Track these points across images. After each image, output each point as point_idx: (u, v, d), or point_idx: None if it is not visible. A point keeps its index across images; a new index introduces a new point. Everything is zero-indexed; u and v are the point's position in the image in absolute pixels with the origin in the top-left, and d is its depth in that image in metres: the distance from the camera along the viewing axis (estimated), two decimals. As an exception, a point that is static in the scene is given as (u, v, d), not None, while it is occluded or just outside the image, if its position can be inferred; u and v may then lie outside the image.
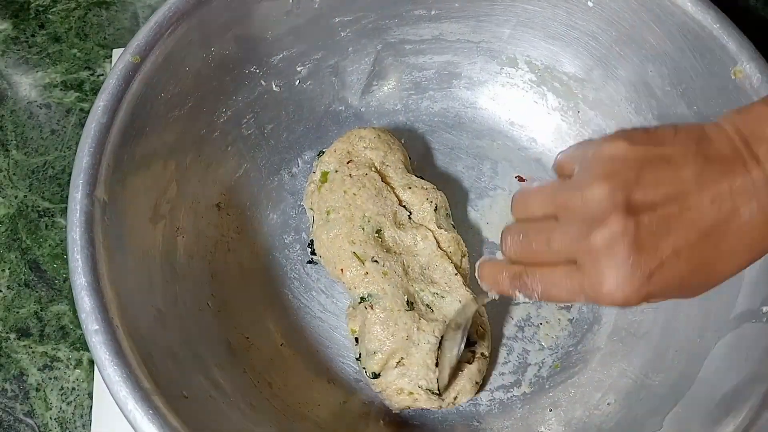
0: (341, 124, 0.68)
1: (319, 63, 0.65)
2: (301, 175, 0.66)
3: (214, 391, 0.51)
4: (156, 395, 0.43)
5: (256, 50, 0.61)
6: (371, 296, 0.55)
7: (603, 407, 0.56)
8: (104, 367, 0.43)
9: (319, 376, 0.59)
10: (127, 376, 0.43)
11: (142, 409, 0.42)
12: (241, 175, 0.64)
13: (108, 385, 0.43)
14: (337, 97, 0.68)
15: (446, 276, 0.58)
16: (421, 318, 0.55)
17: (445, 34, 0.66)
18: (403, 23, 0.65)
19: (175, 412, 0.44)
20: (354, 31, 0.65)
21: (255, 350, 0.58)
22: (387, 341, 0.54)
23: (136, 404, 0.42)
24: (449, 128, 0.69)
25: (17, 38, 0.73)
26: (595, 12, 0.60)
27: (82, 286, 0.45)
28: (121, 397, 0.43)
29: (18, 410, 0.59)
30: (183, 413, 0.44)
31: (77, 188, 0.48)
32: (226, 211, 0.62)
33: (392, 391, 0.55)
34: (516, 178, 0.67)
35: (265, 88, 0.63)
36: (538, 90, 0.67)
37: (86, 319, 0.44)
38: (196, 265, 0.58)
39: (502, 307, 0.62)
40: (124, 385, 0.43)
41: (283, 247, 0.64)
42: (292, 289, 0.62)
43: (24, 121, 0.69)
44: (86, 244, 0.46)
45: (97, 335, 0.44)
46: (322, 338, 0.61)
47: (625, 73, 0.61)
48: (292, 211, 0.65)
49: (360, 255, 0.57)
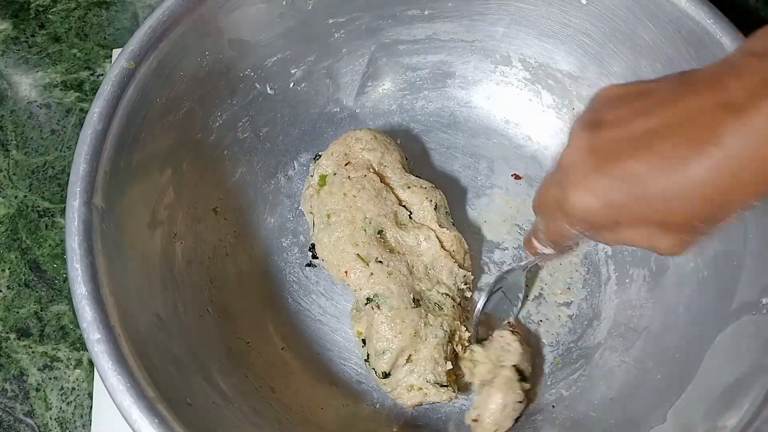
0: (336, 125, 0.68)
1: (313, 65, 0.65)
2: (298, 178, 0.66)
3: (217, 397, 0.51)
4: (160, 403, 0.43)
5: (250, 53, 0.61)
6: (377, 296, 0.55)
7: (605, 402, 0.56)
8: (107, 377, 0.43)
9: (320, 379, 0.59)
10: (130, 384, 0.43)
11: (148, 418, 0.42)
12: (238, 179, 0.63)
13: (111, 394, 0.43)
14: (332, 98, 0.67)
15: (452, 276, 0.58)
16: (428, 313, 0.55)
17: (439, 34, 0.66)
18: (396, 24, 0.65)
19: (180, 420, 0.43)
20: (348, 33, 0.64)
21: (256, 355, 0.58)
22: (395, 339, 0.54)
23: (141, 413, 0.42)
24: (444, 128, 0.69)
25: (17, 38, 0.73)
26: (589, 9, 0.60)
27: (82, 295, 0.45)
28: (125, 407, 0.42)
29: (18, 410, 0.59)
30: (188, 421, 0.44)
31: (75, 196, 0.47)
32: (224, 216, 0.62)
33: (403, 389, 0.55)
34: (512, 176, 0.67)
35: (260, 91, 0.63)
36: (532, 88, 0.67)
37: (88, 328, 0.44)
38: (194, 271, 0.57)
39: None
40: (128, 394, 0.42)
41: (281, 250, 0.63)
42: (292, 292, 0.62)
43: (24, 121, 0.69)
44: (85, 252, 0.46)
45: (100, 344, 0.43)
46: (322, 341, 0.61)
47: (620, 69, 0.61)
48: (290, 214, 0.65)
49: (364, 256, 0.57)
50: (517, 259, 0.64)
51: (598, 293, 0.62)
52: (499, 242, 0.64)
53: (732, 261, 0.52)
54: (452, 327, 0.56)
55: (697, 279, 0.55)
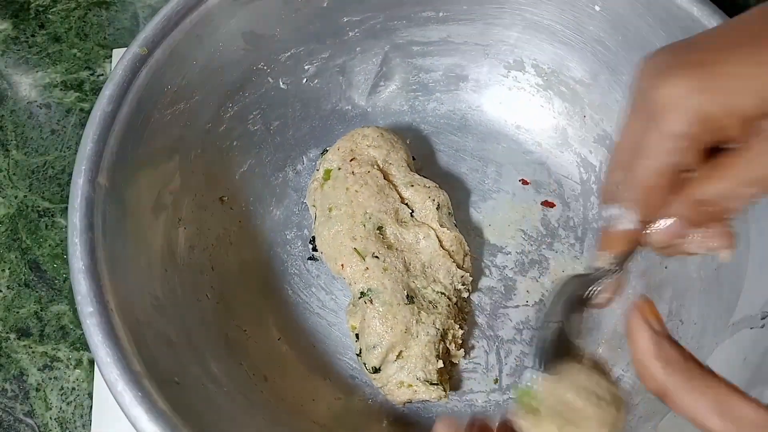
0: (347, 123, 0.68)
1: (326, 62, 0.66)
2: (306, 173, 0.67)
3: (208, 381, 0.51)
4: (146, 378, 0.44)
5: (264, 47, 0.62)
6: (371, 291, 0.56)
7: (599, 412, 0.55)
8: (97, 349, 0.44)
9: (315, 372, 0.59)
10: (118, 358, 0.43)
11: (132, 391, 0.43)
12: (246, 170, 0.64)
13: (99, 366, 0.44)
14: (344, 96, 0.68)
15: (449, 275, 0.58)
16: (421, 311, 0.55)
17: (453, 37, 0.67)
18: (411, 25, 0.65)
19: (165, 397, 0.44)
20: (362, 32, 0.65)
21: (252, 343, 0.59)
22: (386, 335, 0.54)
23: (126, 386, 0.43)
24: (455, 130, 0.69)
25: (17, 38, 0.74)
26: (602, 16, 0.59)
27: (79, 269, 0.46)
28: (111, 379, 0.43)
29: (18, 410, 0.60)
30: (173, 398, 0.44)
31: (80, 174, 0.49)
32: (230, 205, 0.63)
33: (393, 386, 0.55)
34: (520, 182, 0.67)
35: (273, 85, 0.64)
36: (544, 94, 0.67)
37: (81, 301, 0.45)
38: (196, 257, 0.58)
39: (499, 311, 0.62)
40: (115, 367, 0.43)
41: (284, 243, 0.64)
42: (292, 284, 0.63)
43: (24, 121, 0.70)
44: (85, 228, 0.47)
45: (92, 317, 0.44)
46: (319, 335, 0.61)
47: (630, 78, 0.60)
48: (296, 208, 0.65)
49: (360, 251, 0.57)
50: (519, 264, 0.64)
51: (600, 303, 0.62)
52: (502, 246, 0.64)
53: (734, 275, 0.51)
54: (445, 326, 0.56)
55: (698, 291, 0.54)
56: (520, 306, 0.62)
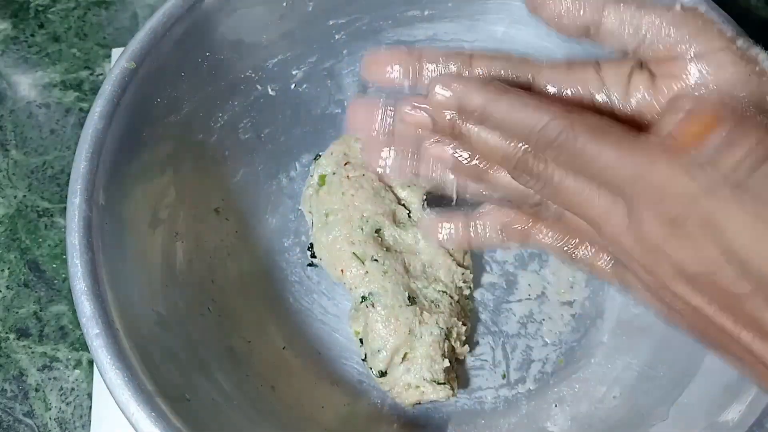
0: (339, 126, 0.68)
1: (314, 66, 0.65)
2: (300, 179, 0.66)
3: (217, 394, 0.51)
4: (158, 397, 0.43)
5: (251, 55, 0.61)
6: (372, 295, 0.55)
7: (608, 401, 0.56)
8: (106, 371, 0.43)
9: (322, 379, 0.59)
10: (129, 379, 0.43)
11: (145, 411, 0.42)
12: (239, 179, 0.64)
13: (110, 388, 0.43)
14: (333, 99, 0.68)
15: (450, 273, 0.58)
16: (423, 311, 0.55)
17: (440, 35, 0.66)
18: (397, 24, 0.65)
19: (178, 415, 0.43)
20: (348, 34, 0.65)
21: (257, 354, 0.58)
22: (390, 338, 0.54)
23: (139, 407, 0.42)
24: (446, 128, 0.69)
25: (17, 38, 0.73)
26: (588, 7, 0.60)
27: (82, 290, 0.45)
28: (123, 401, 0.42)
29: (17, 410, 0.59)
30: (186, 416, 0.44)
31: (75, 194, 0.48)
32: (225, 216, 0.62)
33: (401, 388, 0.55)
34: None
35: (261, 93, 0.64)
36: (533, 87, 0.67)
37: (87, 323, 0.44)
38: (195, 270, 0.58)
39: (502, 306, 0.62)
40: (126, 389, 0.43)
41: (282, 250, 0.64)
42: (293, 292, 0.62)
43: (23, 121, 0.70)
44: (85, 249, 0.46)
45: (98, 339, 0.44)
46: (324, 341, 0.61)
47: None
48: (291, 215, 0.65)
49: (359, 255, 0.57)
50: (519, 258, 0.64)
51: (601, 292, 0.62)
52: (500, 241, 0.64)
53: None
54: (449, 324, 0.56)
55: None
56: (523, 300, 0.62)
